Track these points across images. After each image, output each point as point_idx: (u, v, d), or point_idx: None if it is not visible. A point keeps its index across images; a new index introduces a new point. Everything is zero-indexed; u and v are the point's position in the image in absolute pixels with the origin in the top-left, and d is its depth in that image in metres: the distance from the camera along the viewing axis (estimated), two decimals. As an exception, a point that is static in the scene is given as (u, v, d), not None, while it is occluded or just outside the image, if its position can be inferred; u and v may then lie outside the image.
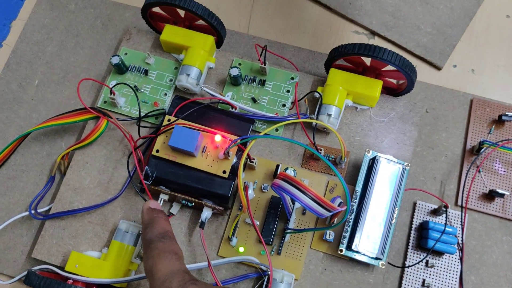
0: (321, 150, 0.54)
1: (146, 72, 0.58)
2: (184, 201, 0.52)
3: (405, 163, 0.53)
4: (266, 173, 0.54)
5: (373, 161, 0.53)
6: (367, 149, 0.53)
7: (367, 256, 0.51)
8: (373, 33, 0.68)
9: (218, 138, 0.50)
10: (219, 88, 0.58)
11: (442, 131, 0.62)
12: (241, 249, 0.52)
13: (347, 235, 0.51)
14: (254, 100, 0.57)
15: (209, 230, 0.54)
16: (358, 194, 0.52)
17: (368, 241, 0.50)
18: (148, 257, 0.42)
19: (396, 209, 0.52)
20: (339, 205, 0.48)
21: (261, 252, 0.52)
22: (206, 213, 0.52)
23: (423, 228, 0.57)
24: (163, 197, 0.52)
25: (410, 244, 0.57)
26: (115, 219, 0.54)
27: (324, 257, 0.53)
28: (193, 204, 0.52)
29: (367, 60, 0.55)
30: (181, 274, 0.39)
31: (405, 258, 0.57)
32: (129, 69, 0.59)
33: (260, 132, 0.55)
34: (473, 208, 0.59)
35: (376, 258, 0.51)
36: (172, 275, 0.39)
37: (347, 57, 0.55)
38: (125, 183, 0.55)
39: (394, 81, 0.58)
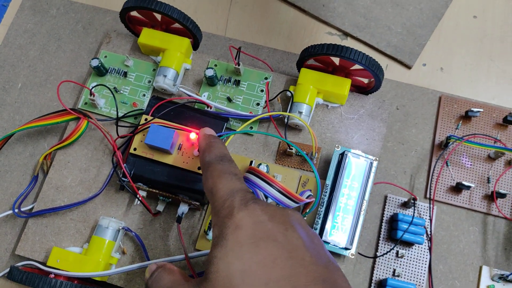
0: (292, 146, 0.56)
1: (125, 74, 0.60)
2: (161, 197, 0.54)
3: (373, 158, 0.55)
4: (241, 170, 0.57)
5: (342, 156, 0.55)
6: (336, 145, 0.56)
7: (336, 246, 0.53)
8: (346, 34, 0.70)
9: (193, 136, 0.53)
10: (196, 88, 0.60)
11: (412, 127, 0.65)
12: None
13: (318, 226, 0.54)
14: (229, 99, 0.59)
15: (187, 225, 0.56)
16: (328, 187, 0.55)
17: (338, 232, 0.53)
18: (208, 177, 0.42)
19: (365, 201, 0.54)
20: (307, 197, 0.50)
21: (237, 244, 0.54)
22: (183, 208, 0.54)
23: (393, 220, 0.60)
24: (142, 193, 0.54)
25: (381, 235, 0.60)
26: (96, 216, 0.56)
27: (297, 248, 0.55)
28: (170, 200, 0.54)
29: (336, 60, 0.57)
30: (243, 192, 0.39)
31: (376, 249, 0.59)
32: (109, 71, 0.61)
33: (235, 130, 0.57)
34: (441, 200, 0.62)
35: (346, 248, 0.53)
36: (234, 193, 0.39)
37: (317, 57, 0.57)
38: (105, 181, 0.57)
39: (364, 80, 0.60)
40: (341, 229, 0.53)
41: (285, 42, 0.69)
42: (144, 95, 0.60)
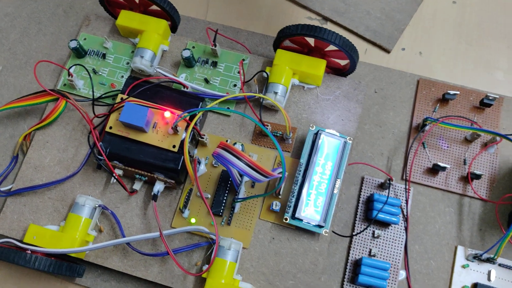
0: (267, 125, 0.56)
1: (104, 56, 0.61)
2: (138, 176, 0.55)
3: (348, 137, 0.56)
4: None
5: (316, 136, 0.56)
6: (311, 125, 0.56)
7: (310, 224, 0.53)
8: (326, 19, 0.71)
9: (167, 114, 0.53)
10: (174, 70, 0.61)
11: (390, 110, 0.66)
12: (193, 220, 0.55)
13: (292, 204, 0.54)
14: (206, 80, 0.59)
15: (164, 203, 0.57)
16: (302, 166, 0.55)
17: (311, 210, 0.53)
18: None
19: (338, 180, 0.54)
20: (279, 174, 0.51)
21: (211, 223, 0.55)
22: (158, 187, 0.55)
23: (370, 201, 0.60)
24: (118, 172, 0.55)
25: (358, 216, 0.61)
26: (74, 195, 0.57)
27: (272, 227, 0.56)
28: (146, 178, 0.55)
29: (312, 42, 0.58)
30: None
31: (353, 230, 0.60)
32: (88, 53, 0.61)
33: (211, 111, 0.58)
34: (418, 181, 0.62)
35: (319, 226, 0.53)
36: None
37: (292, 38, 0.58)
38: (83, 160, 0.57)
39: (340, 61, 0.61)
40: (314, 207, 0.53)
41: (264, 27, 0.70)
42: (122, 76, 0.60)
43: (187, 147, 0.49)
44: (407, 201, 0.61)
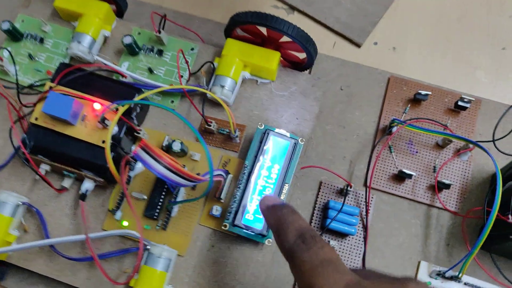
0: (211, 122, 0.51)
1: (42, 40, 0.56)
2: (66, 172, 0.50)
3: (300, 138, 0.50)
4: (158, 146, 0.52)
5: (264, 135, 0.50)
6: (259, 123, 0.51)
7: (251, 233, 0.48)
8: (292, 8, 0.66)
9: (97, 106, 0.48)
10: (116, 58, 0.56)
11: (356, 109, 0.60)
12: (125, 223, 0.50)
13: (233, 210, 0.49)
14: (150, 70, 0.54)
15: (96, 203, 0.52)
16: (247, 169, 0.50)
17: (253, 217, 0.48)
18: (299, 275, 0.32)
19: (286, 185, 0.49)
20: (217, 176, 0.46)
21: (145, 226, 0.50)
22: (87, 185, 0.50)
23: (326, 208, 0.55)
24: (45, 167, 0.50)
25: (313, 223, 0.55)
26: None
27: (213, 233, 0.50)
28: (75, 175, 0.50)
29: (265, 31, 0.53)
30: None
31: (306, 239, 0.54)
32: (25, 36, 0.56)
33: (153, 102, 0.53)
34: (381, 189, 0.57)
35: (262, 235, 0.48)
36: None
37: (244, 27, 0.52)
38: (11, 154, 0.53)
39: (298, 54, 0.56)
40: (257, 214, 0.48)
41: (224, 15, 0.65)
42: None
43: (108, 142, 0.43)
44: (367, 210, 0.55)
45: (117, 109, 0.47)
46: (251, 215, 0.48)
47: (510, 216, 0.48)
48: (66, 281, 0.50)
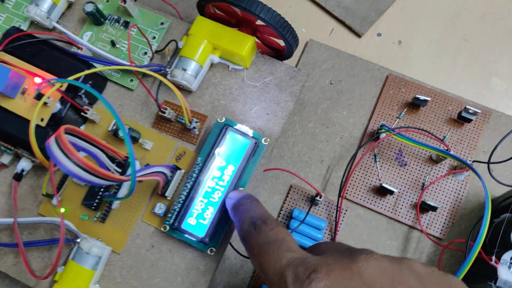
0: (166, 109, 0.45)
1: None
2: (3, 148, 0.46)
3: (264, 138, 0.44)
4: (104, 131, 0.47)
5: (222, 130, 0.44)
6: (220, 116, 0.45)
7: (192, 238, 0.43)
8: (290, -14, 0.58)
9: (37, 80, 0.43)
10: (79, 26, 0.51)
11: (344, 108, 0.53)
12: (62, 210, 0.46)
13: (175, 212, 0.44)
14: (113, 43, 0.49)
15: (36, 183, 0.47)
16: (198, 166, 0.44)
17: (196, 222, 0.43)
18: (251, 255, 0.35)
19: (241, 189, 0.43)
20: (153, 174, 0.41)
21: (81, 216, 0.45)
22: (24, 164, 0.46)
23: (290, 217, 0.49)
24: (-19, 140, 0.46)
25: (276, 232, 0.49)
26: None
27: (155, 232, 0.45)
28: (13, 152, 0.46)
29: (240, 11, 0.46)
30: (294, 266, 0.30)
31: (267, 248, 0.49)
32: (-15, -7, 0.52)
33: (108, 80, 0.48)
34: (358, 201, 0.50)
35: (203, 243, 0.43)
36: (283, 272, 0.30)
37: (214, 4, 0.46)
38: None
39: (280, 41, 0.49)
40: (200, 219, 0.43)
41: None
42: (20, 26, 0.51)
43: (33, 122, 0.38)
44: (337, 223, 0.49)
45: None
46: (194, 219, 0.43)
47: (493, 258, 0.41)
48: (-11, 264, 0.46)
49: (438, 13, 0.57)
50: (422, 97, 0.51)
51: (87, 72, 0.42)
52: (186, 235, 0.43)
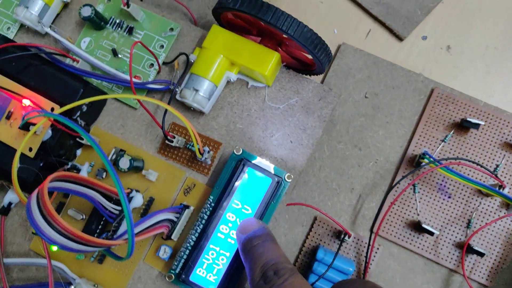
0: (174, 137, 0.39)
1: (-10, -3, 0.45)
2: (-12, 176, 0.40)
3: (287, 174, 0.38)
4: (108, 154, 0.41)
5: (239, 165, 0.38)
6: (237, 147, 0.38)
7: (199, 292, 0.37)
8: (323, -21, 0.50)
9: (26, 102, 0.37)
10: (77, 31, 0.44)
11: (380, 127, 0.46)
12: (55, 248, 0.40)
13: (182, 259, 0.38)
14: (114, 52, 0.42)
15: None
16: (210, 207, 0.38)
17: (206, 273, 0.37)
18: None
19: (255, 221, 0.37)
20: (153, 228, 0.35)
21: (77, 256, 0.40)
22: (11, 197, 0.40)
23: (314, 254, 0.43)
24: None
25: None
26: None
27: (159, 276, 0.40)
28: (-1, 181, 0.40)
29: (262, 21, 0.39)
30: None
31: (286, 288, 0.43)
32: (-29, -11, 0.45)
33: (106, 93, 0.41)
34: (392, 239, 0.44)
35: (214, 297, 0.37)
36: None
37: (233, 12, 0.39)
38: None
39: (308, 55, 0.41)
40: (212, 269, 0.37)
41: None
42: (8, 28, 0.44)
43: (17, 161, 0.32)
44: (367, 264, 0.43)
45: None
46: (204, 270, 0.37)
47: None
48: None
49: (498, 11, 0.48)
50: (474, 121, 0.43)
51: (82, 101, 0.35)
52: (193, 287, 0.37)
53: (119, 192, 0.28)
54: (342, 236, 0.42)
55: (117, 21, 0.43)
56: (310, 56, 0.41)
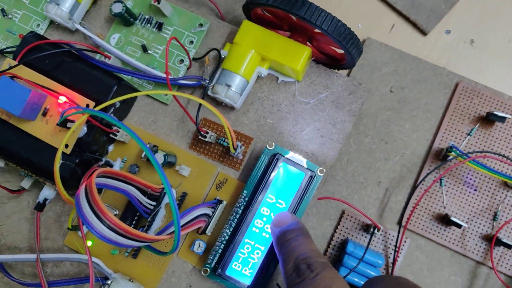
0: (207, 133, 0.39)
1: (19, -7, 0.45)
2: (23, 173, 0.41)
3: (319, 168, 0.38)
4: (141, 149, 0.42)
5: (272, 160, 0.38)
6: (269, 142, 0.39)
7: (235, 285, 0.38)
8: (346, -27, 0.50)
9: (63, 99, 0.37)
10: (106, 27, 0.44)
11: (407, 120, 0.46)
12: (89, 243, 0.41)
13: (217, 252, 0.38)
14: (144, 48, 0.42)
15: (62, 211, 0.42)
16: (244, 201, 0.38)
17: (241, 267, 0.38)
18: None
19: (289, 214, 0.38)
20: (193, 223, 0.35)
21: (111, 251, 0.40)
22: (47, 193, 0.41)
23: (342, 249, 0.44)
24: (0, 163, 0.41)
25: (326, 263, 0.44)
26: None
27: (193, 270, 0.41)
28: (34, 177, 0.41)
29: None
30: None
31: (315, 281, 0.44)
32: (0, -15, 0.45)
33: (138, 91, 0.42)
34: (420, 232, 0.44)
35: (249, 290, 0.38)
36: None
37: (264, 7, 0.39)
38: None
39: (336, 48, 0.42)
40: (247, 263, 0.38)
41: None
42: (38, 25, 0.44)
43: (59, 159, 0.33)
44: (395, 257, 0.43)
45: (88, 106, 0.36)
46: (240, 264, 0.38)
47: None
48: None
49: (519, 6, 0.48)
50: (500, 114, 0.43)
51: (118, 99, 0.35)
52: (228, 281, 0.38)
53: (164, 183, 0.28)
54: (372, 229, 0.43)
55: (146, 17, 0.43)
56: (340, 51, 0.41)
